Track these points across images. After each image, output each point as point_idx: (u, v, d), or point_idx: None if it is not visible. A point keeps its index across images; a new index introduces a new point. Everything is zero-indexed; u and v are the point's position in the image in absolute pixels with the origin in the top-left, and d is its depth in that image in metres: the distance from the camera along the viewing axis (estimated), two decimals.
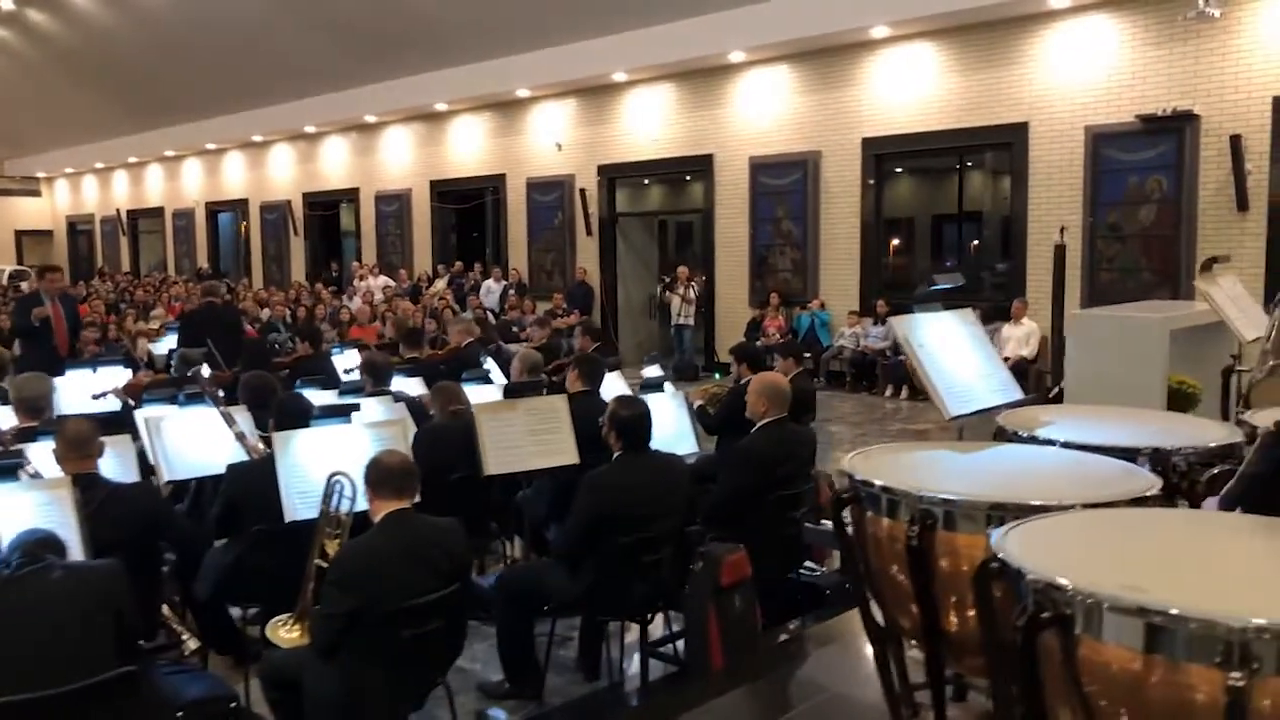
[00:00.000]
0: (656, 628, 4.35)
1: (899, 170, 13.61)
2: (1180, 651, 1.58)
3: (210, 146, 22.98)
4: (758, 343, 11.60)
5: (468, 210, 18.35)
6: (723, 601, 3.85)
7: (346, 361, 7.68)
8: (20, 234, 29.32)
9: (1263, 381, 3.86)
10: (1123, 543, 2.02)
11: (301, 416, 4.22)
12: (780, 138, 13.59)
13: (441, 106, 17.56)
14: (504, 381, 6.19)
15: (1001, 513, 2.29)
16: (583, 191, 15.84)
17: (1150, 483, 2.46)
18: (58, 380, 6.89)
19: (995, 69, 11.61)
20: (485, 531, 4.92)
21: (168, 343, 8.69)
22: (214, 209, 24.03)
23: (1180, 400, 5.76)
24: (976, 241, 13.96)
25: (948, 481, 2.43)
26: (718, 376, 12.23)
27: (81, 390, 6.63)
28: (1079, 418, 3.14)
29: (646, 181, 16.57)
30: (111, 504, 3.56)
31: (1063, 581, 1.72)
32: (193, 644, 3.68)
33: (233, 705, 3.44)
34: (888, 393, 12.40)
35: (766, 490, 4.40)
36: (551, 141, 16.25)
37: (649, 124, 15.05)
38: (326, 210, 21.25)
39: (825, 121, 13.12)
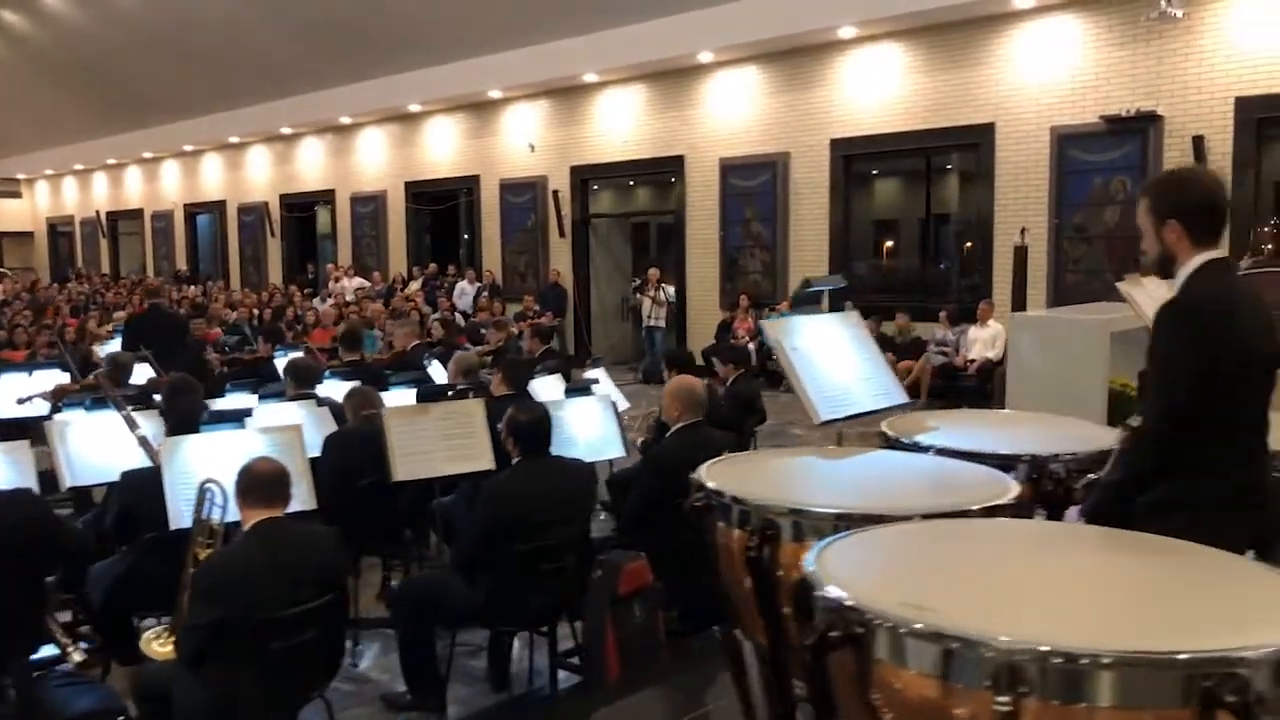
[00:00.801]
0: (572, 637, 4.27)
1: (869, 171, 13.52)
2: (953, 673, 1.50)
3: (188, 148, 22.87)
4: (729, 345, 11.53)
5: (442, 212, 18.26)
6: (620, 610, 3.76)
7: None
8: (1, 235, 29.17)
9: None
10: (940, 557, 1.94)
11: (195, 423, 4.13)
12: (750, 139, 13.51)
13: (415, 107, 17.47)
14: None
15: (847, 523, 2.21)
16: (555, 193, 15.76)
17: (1006, 491, 2.38)
18: None
19: (962, 69, 11.54)
20: (398, 539, 4.83)
21: (113, 346, 8.59)
22: (192, 211, 23.92)
23: (1122, 403, 5.69)
24: (970, 244, 13.86)
25: (798, 491, 2.35)
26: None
27: (9, 394, 6.54)
28: (965, 423, 3.06)
29: (631, 184, 16.50)
30: None
31: (848, 600, 1.64)
32: (77, 656, 3.58)
33: (121, 718, 3.35)
34: None
35: (680, 495, 4.30)
36: (524, 143, 16.17)
37: (621, 125, 14.97)
38: (303, 212, 21.14)
39: (794, 122, 13.06)
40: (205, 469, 3.77)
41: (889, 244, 14.27)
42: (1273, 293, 3.13)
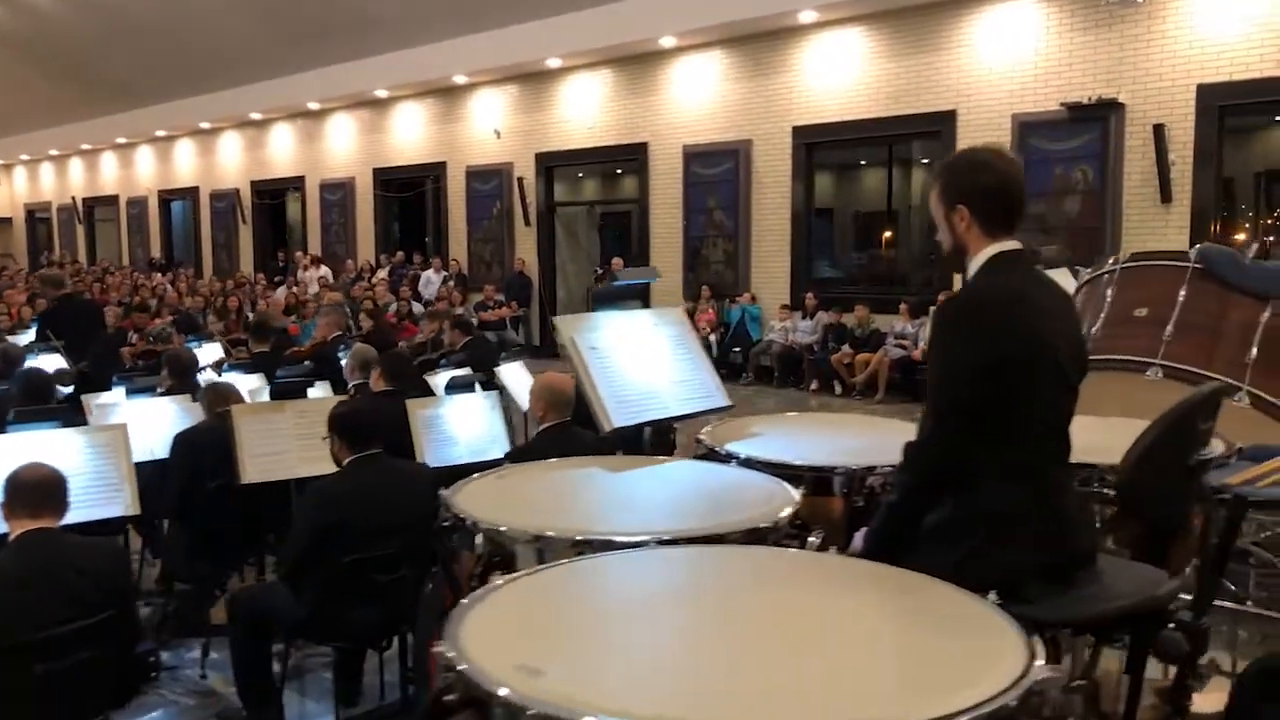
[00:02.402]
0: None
1: (831, 160, 13.23)
2: None
3: (161, 134, 22.59)
4: None
5: (410, 199, 17.98)
6: None
7: (205, 356, 7.35)
8: None
9: None
10: (603, 601, 1.68)
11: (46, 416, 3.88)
12: (712, 126, 13.23)
13: (382, 93, 17.19)
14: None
15: (588, 548, 1.96)
16: (520, 180, 15.48)
17: (775, 513, 2.12)
18: None
19: (924, 55, 11.25)
20: (257, 543, 4.57)
21: (28, 337, 8.34)
22: (166, 197, 23.65)
23: None
24: (934, 235, 13.58)
25: (542, 514, 2.09)
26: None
27: None
28: (791, 431, 2.80)
29: (580, 175, 16.23)
30: None
31: (461, 664, 1.38)
32: None
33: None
34: (813, 387, 12.06)
35: None
36: (490, 129, 15.88)
37: (585, 112, 14.69)
38: (274, 199, 20.87)
39: (756, 109, 12.77)
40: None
41: (848, 233, 13.97)
42: None
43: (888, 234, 13.29)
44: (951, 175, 2.25)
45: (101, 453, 3.63)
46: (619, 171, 15.74)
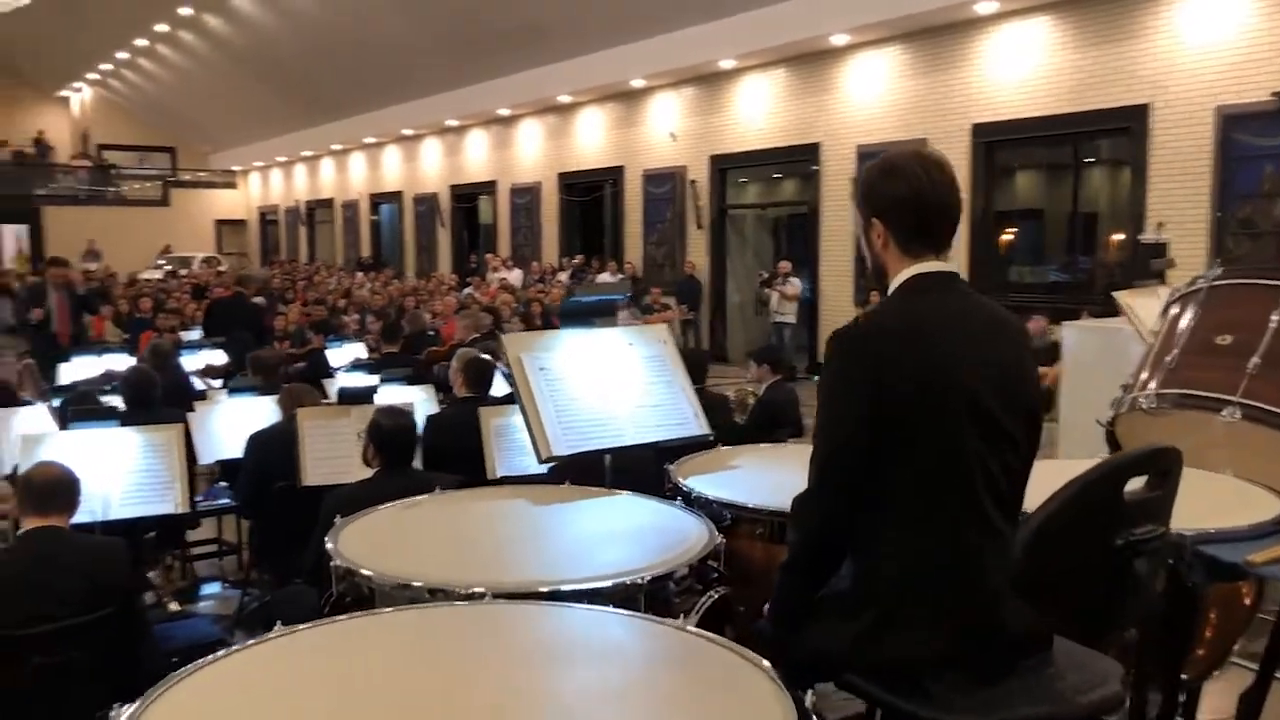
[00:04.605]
0: None
1: (1010, 158, 12.35)
2: None
3: (369, 141, 23.96)
4: None
5: (591, 202, 18.25)
6: None
7: (341, 356, 7.65)
8: (219, 223, 31.65)
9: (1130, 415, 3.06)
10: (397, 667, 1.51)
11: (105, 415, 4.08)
12: (886, 125, 12.66)
13: (565, 98, 17.51)
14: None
15: (409, 594, 1.82)
16: (693, 183, 15.38)
17: (679, 559, 1.89)
18: (62, 365, 7.21)
19: (1114, 44, 10.32)
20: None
21: (197, 332, 8.96)
22: (376, 200, 25.07)
23: None
24: (1122, 237, 12.50)
25: (396, 554, 1.95)
26: (816, 379, 11.56)
27: (84, 373, 6.86)
28: (769, 465, 2.53)
29: (750, 178, 15.94)
30: None
31: None
32: (173, 606, 3.78)
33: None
34: None
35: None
36: (666, 132, 15.88)
37: (758, 113, 14.43)
38: (469, 203, 21.71)
39: (932, 107, 12.12)
40: (80, 468, 3.69)
41: (1029, 238, 12.96)
42: None
43: (1073, 238, 12.30)
44: (865, 184, 1.94)
45: (157, 452, 3.77)
46: (793, 173, 15.37)
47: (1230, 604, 2.36)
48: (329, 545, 2.04)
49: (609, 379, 2.64)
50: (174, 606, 4.06)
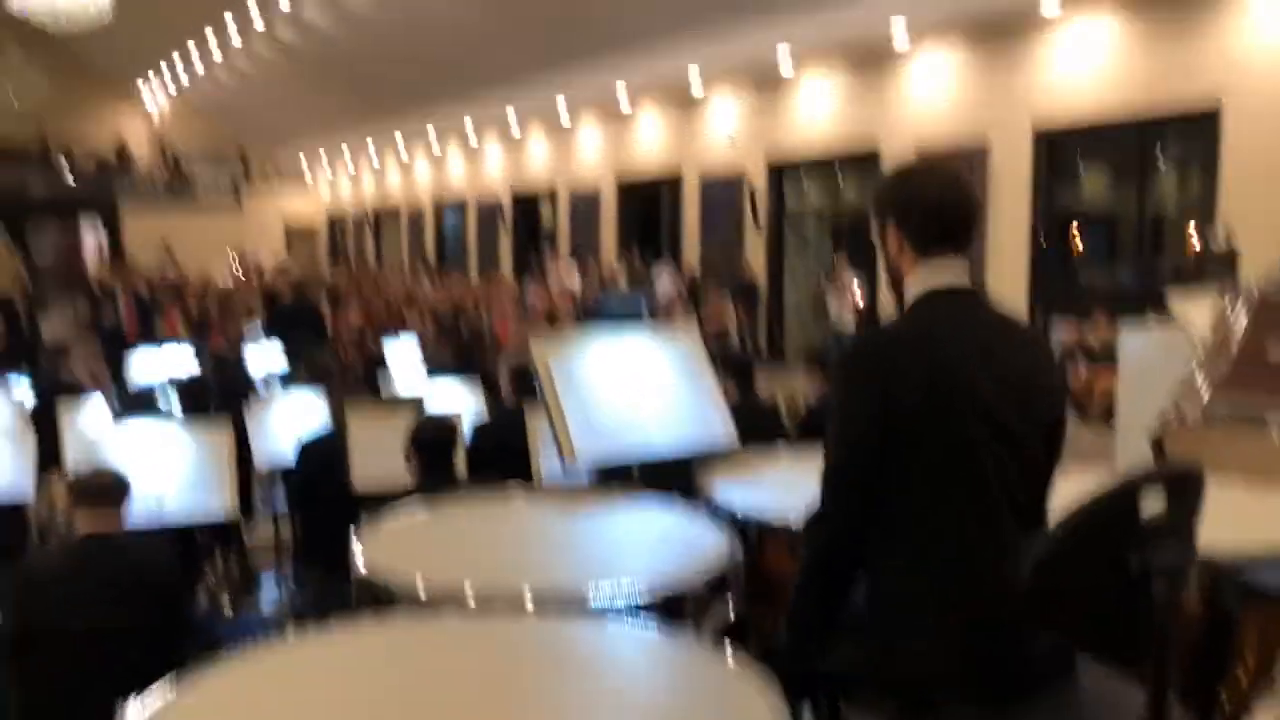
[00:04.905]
0: None
1: (1074, 160, 12.08)
2: None
3: (435, 149, 24.29)
4: None
5: (649, 206, 18.29)
6: None
7: (398, 357, 7.76)
8: (289, 228, 32.29)
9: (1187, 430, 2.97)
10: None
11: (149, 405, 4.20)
12: (947, 128, 12.49)
13: (624, 101, 17.56)
14: None
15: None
16: (751, 187, 15.33)
17: (690, 574, 1.88)
18: (129, 361, 7.41)
19: (1184, 41, 10.05)
20: None
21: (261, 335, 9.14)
22: (440, 205, 25.39)
23: None
24: (1192, 240, 12.15)
25: (416, 557, 1.97)
26: None
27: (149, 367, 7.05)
28: (804, 474, 2.51)
29: (811, 180, 15.81)
30: None
31: None
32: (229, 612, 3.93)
33: None
34: None
35: None
36: (724, 135, 15.85)
37: (817, 115, 14.33)
38: (529, 206, 21.90)
39: (994, 109, 11.93)
40: (132, 460, 3.81)
41: (1096, 242, 12.66)
42: None
43: (1142, 240, 11.98)
44: (881, 189, 1.92)
45: (206, 450, 3.86)
46: (853, 176, 15.22)
47: (1276, 629, 2.27)
48: (355, 549, 2.08)
49: (636, 384, 2.65)
50: (228, 605, 4.16)
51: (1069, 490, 1.73)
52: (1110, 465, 5.31)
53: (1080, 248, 12.41)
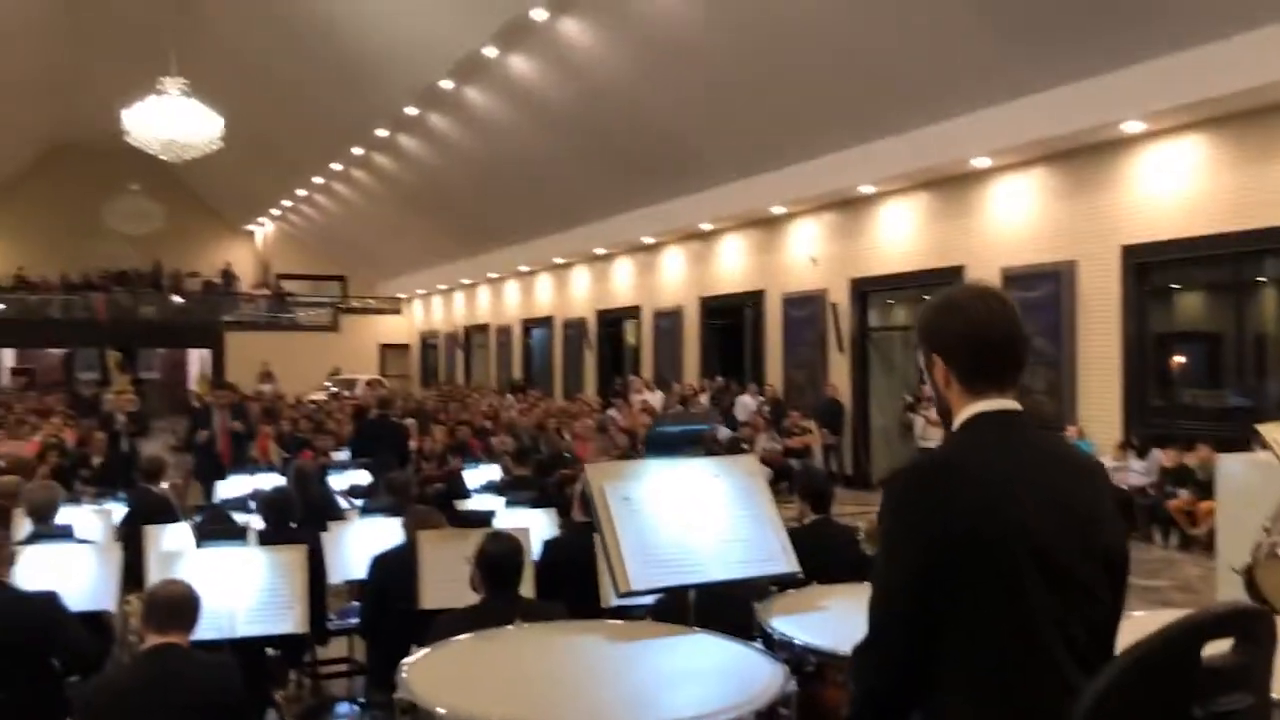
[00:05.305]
0: None
1: (1165, 280, 11.80)
2: None
3: (523, 269, 24.99)
4: None
5: (731, 326, 18.41)
6: None
7: (478, 478, 7.84)
8: (383, 347, 33.32)
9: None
10: None
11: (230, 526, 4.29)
12: (1032, 247, 12.39)
13: (707, 226, 17.91)
14: None
15: None
16: (834, 306, 15.34)
17: (741, 707, 1.82)
18: (219, 484, 7.64)
19: (1273, 161, 9.88)
20: None
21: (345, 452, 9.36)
22: (528, 325, 25.96)
23: None
24: None
25: (453, 688, 1.94)
26: None
27: (238, 491, 7.26)
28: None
29: (895, 300, 15.76)
30: (3, 611, 3.78)
31: None
32: None
33: None
34: (1154, 538, 10.66)
35: None
36: (806, 256, 15.98)
37: (899, 236, 14.38)
38: (614, 326, 22.23)
39: (1080, 228, 11.81)
40: (201, 585, 3.88)
41: (1192, 364, 12.23)
42: None
43: (1242, 361, 11.57)
44: (924, 321, 1.89)
45: (281, 572, 3.92)
46: (935, 293, 15.11)
47: None
48: (401, 675, 2.07)
49: (693, 511, 2.61)
50: None
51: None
52: (1211, 599, 5.03)
53: (1178, 368, 12.01)
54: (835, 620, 2.36)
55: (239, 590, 3.90)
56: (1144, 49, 9.92)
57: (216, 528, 4.72)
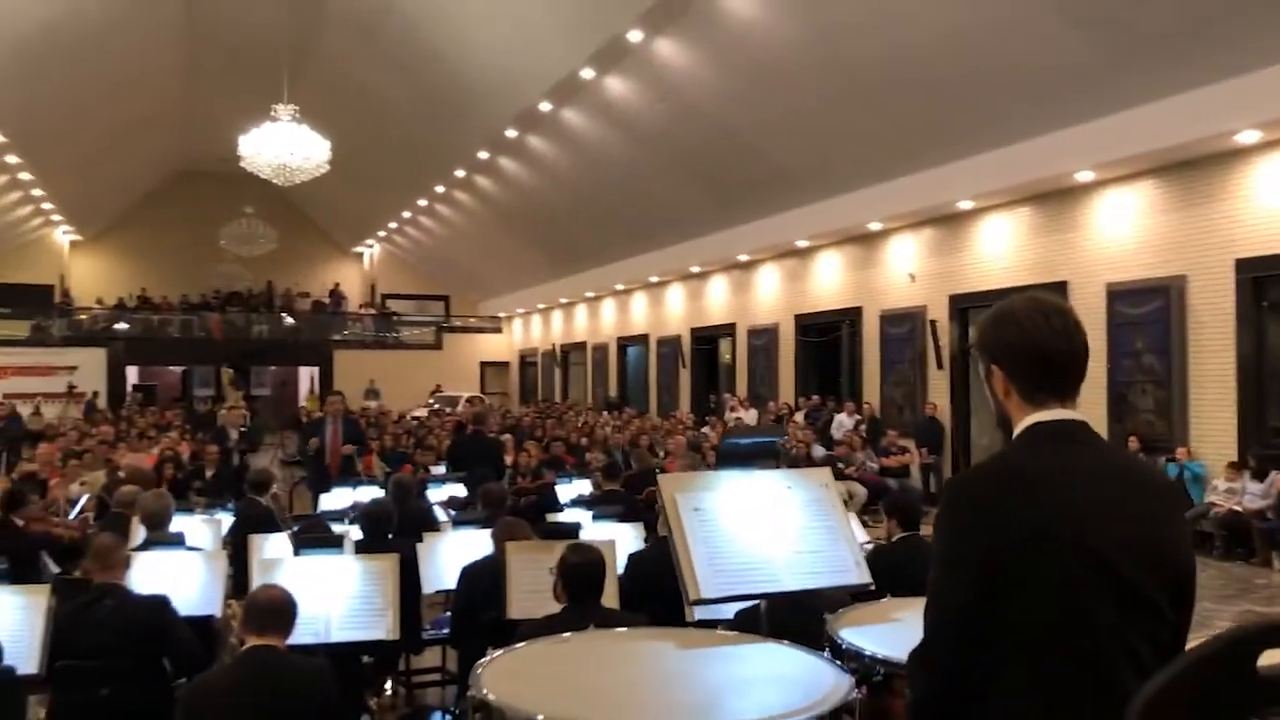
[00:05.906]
0: None
1: None
2: None
3: (619, 287, 25.21)
4: None
5: (827, 343, 18.24)
6: None
7: (569, 492, 7.95)
8: (484, 365, 33.97)
9: None
10: None
11: (331, 543, 4.45)
12: (1140, 261, 12.00)
13: (803, 243, 17.81)
14: None
15: None
16: (933, 323, 15.08)
17: (803, 714, 1.84)
18: (323, 496, 7.91)
19: None
20: None
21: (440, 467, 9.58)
22: (624, 343, 26.16)
23: None
24: None
25: (528, 688, 2.00)
26: None
27: (340, 503, 7.51)
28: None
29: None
30: (118, 612, 4.00)
31: None
32: None
33: None
34: (1273, 563, 10.18)
35: None
36: (904, 273, 15.76)
37: (1000, 251, 14.08)
38: (708, 344, 22.24)
39: (1191, 242, 11.39)
40: (299, 591, 4.05)
41: None
42: None
43: None
44: (981, 331, 1.89)
45: (373, 580, 4.06)
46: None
47: None
48: (475, 674, 2.14)
49: (765, 522, 2.64)
50: None
51: None
52: None
53: None
54: (905, 631, 2.34)
55: (333, 597, 4.05)
56: (1257, 58, 9.57)
57: (313, 536, 4.91)
